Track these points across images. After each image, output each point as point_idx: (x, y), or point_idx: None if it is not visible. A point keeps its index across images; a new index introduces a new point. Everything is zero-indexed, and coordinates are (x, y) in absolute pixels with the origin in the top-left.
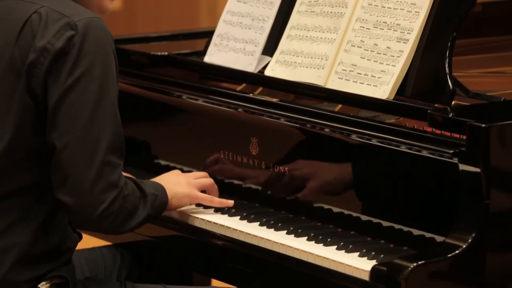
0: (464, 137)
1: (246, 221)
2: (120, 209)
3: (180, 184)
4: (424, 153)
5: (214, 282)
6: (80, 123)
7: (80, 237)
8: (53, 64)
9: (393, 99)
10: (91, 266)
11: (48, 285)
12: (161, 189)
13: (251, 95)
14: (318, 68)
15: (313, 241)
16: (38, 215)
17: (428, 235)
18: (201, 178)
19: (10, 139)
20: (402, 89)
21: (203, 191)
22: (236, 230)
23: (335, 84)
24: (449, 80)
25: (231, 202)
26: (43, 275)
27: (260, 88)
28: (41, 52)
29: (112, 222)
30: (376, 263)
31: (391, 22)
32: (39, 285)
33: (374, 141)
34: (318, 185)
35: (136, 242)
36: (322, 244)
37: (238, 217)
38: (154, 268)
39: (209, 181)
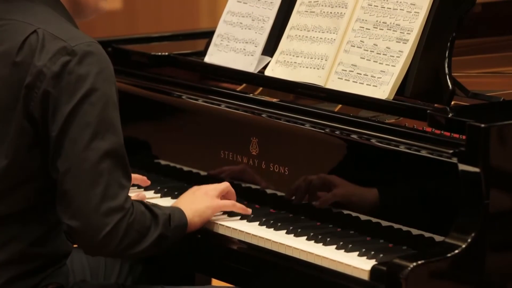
0: (464, 137)
1: (246, 220)
2: (126, 232)
3: (197, 200)
4: (424, 153)
5: (214, 281)
6: (80, 147)
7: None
8: (50, 88)
9: (393, 99)
10: (92, 266)
11: None
12: (178, 211)
13: (251, 95)
14: (318, 68)
15: (313, 241)
16: (34, 234)
17: (427, 234)
18: (217, 184)
19: (7, 165)
20: (401, 89)
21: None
22: (236, 229)
23: (335, 84)
24: (448, 80)
25: (249, 210)
26: (37, 284)
27: (260, 88)
28: (38, 75)
29: (118, 245)
30: (376, 262)
31: (390, 23)
32: None
33: (373, 141)
34: (318, 185)
35: None
36: (321, 244)
37: (238, 216)
38: (156, 268)
39: (225, 185)
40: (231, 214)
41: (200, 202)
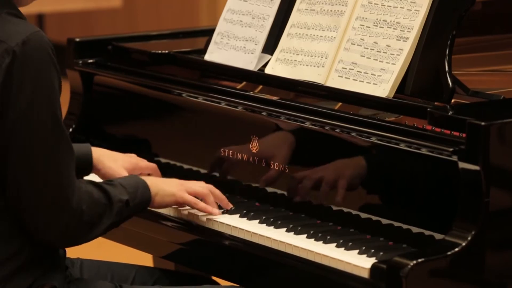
0: (464, 135)
1: (245, 218)
2: (75, 229)
3: (169, 183)
4: (424, 151)
5: (214, 279)
6: (23, 157)
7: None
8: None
9: (393, 97)
10: (117, 280)
11: None
12: (142, 186)
13: (251, 93)
14: (318, 66)
15: (313, 239)
16: (16, 240)
17: (427, 233)
18: (199, 186)
19: None
20: (402, 87)
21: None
22: (236, 227)
23: (335, 82)
24: (448, 78)
25: (216, 211)
26: (31, 283)
27: (260, 86)
28: None
29: (67, 241)
30: (376, 260)
31: (391, 21)
32: None
33: (374, 139)
34: (318, 183)
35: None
36: (321, 242)
37: (238, 215)
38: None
39: (203, 190)
40: (230, 212)
41: (170, 186)
